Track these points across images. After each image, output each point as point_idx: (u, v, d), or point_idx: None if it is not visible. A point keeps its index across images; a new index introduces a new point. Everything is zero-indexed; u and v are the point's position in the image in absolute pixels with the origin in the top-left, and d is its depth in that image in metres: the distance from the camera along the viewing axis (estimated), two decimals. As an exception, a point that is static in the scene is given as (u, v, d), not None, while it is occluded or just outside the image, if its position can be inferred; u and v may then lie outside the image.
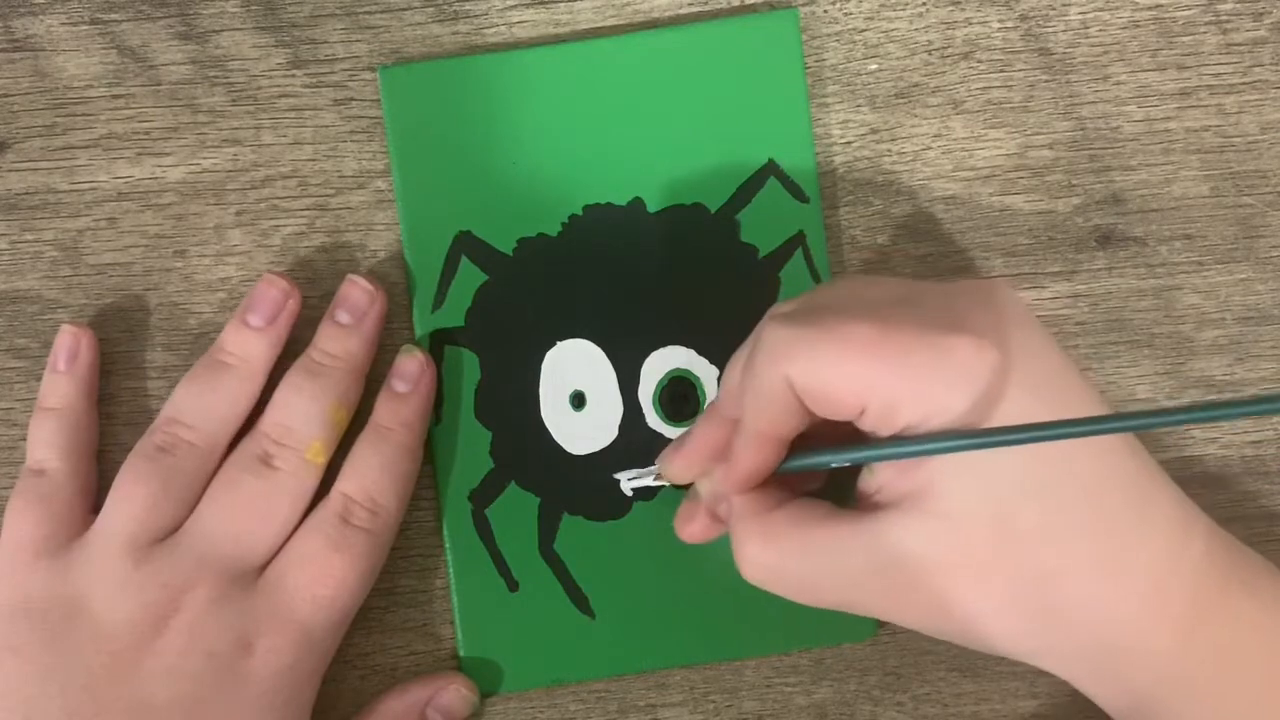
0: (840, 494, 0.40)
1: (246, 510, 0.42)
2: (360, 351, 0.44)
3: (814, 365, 0.36)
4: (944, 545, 0.36)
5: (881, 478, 0.37)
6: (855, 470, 0.39)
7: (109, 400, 0.46)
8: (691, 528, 0.41)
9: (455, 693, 0.44)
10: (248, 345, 0.43)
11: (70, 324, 0.44)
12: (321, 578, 0.42)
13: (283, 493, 0.42)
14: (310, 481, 0.43)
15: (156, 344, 0.46)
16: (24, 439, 0.45)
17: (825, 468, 0.38)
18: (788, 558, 0.38)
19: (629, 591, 0.45)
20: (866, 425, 0.37)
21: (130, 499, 0.42)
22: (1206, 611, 0.37)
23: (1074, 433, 0.33)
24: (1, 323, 0.46)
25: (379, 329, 0.44)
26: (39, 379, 0.45)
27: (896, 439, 0.36)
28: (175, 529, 0.42)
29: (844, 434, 0.38)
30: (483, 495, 0.45)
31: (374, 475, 0.43)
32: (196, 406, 0.43)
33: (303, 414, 0.43)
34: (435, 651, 0.46)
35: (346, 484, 0.43)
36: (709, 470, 0.41)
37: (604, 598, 0.45)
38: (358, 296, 0.44)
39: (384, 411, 0.44)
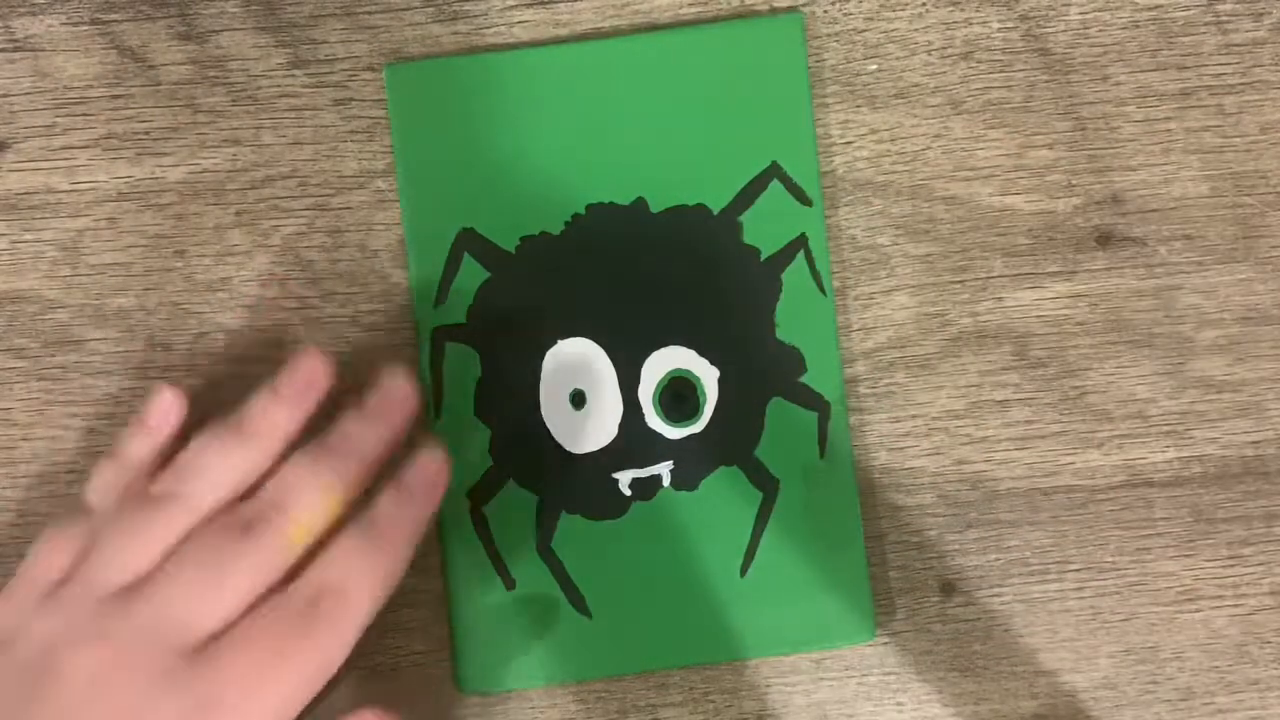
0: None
1: (205, 573, 0.39)
2: (381, 447, 0.42)
3: None
4: None
5: None
6: None
7: (109, 400, 0.46)
8: None
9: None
10: (273, 415, 0.42)
11: (169, 388, 0.43)
12: (264, 666, 0.38)
13: (248, 564, 0.39)
14: (283, 562, 0.40)
15: (156, 344, 0.46)
16: (24, 439, 0.46)
17: None
18: None
19: (626, 591, 0.45)
20: None
21: (111, 542, 0.40)
22: None
23: None
24: (1, 323, 0.46)
25: (404, 429, 0.43)
26: (39, 379, 0.45)
27: None
28: (147, 577, 0.40)
29: None
30: (481, 493, 0.45)
31: (355, 566, 0.40)
32: (202, 466, 0.41)
33: (302, 494, 0.40)
34: (435, 651, 0.46)
35: (323, 569, 0.40)
36: None
37: (601, 597, 0.45)
38: (395, 392, 0.43)
39: (386, 504, 0.41)
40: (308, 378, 0.42)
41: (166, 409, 0.43)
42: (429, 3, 0.46)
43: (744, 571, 0.45)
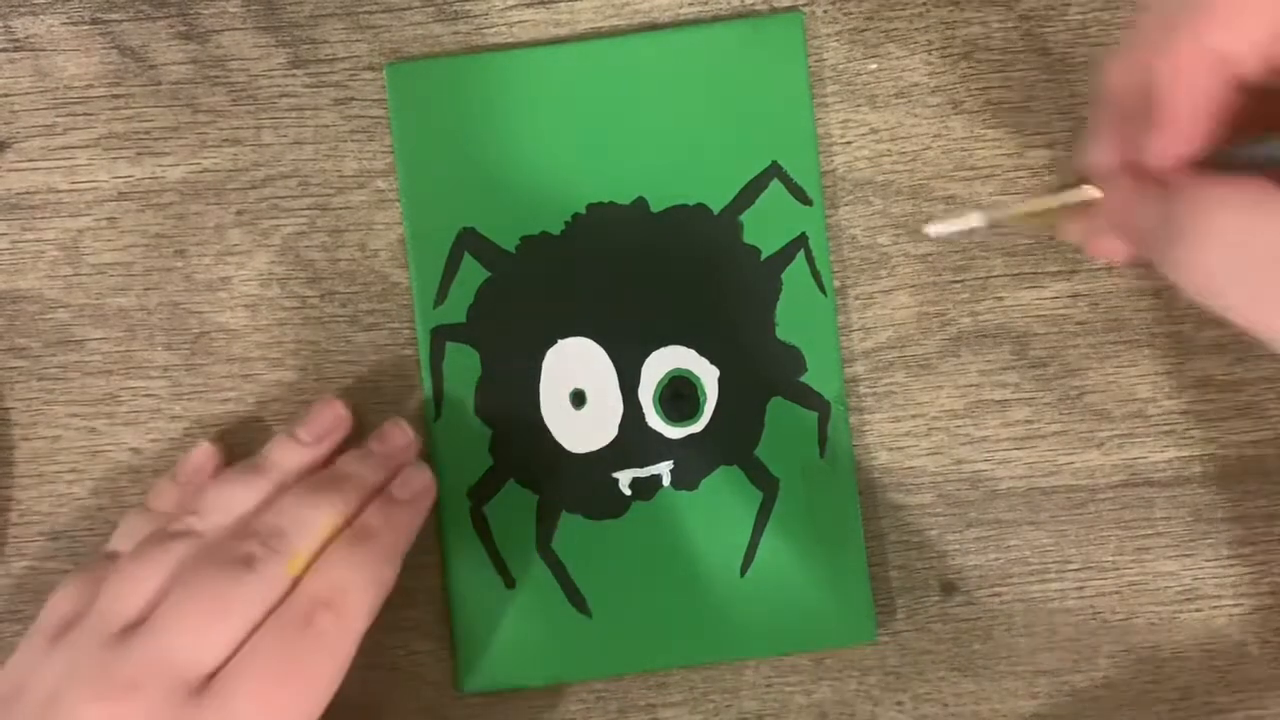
0: None
1: (209, 607, 0.39)
2: (378, 483, 0.43)
3: None
4: None
5: None
6: None
7: (109, 400, 0.46)
8: (1109, 242, 0.33)
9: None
10: (288, 456, 0.43)
11: (205, 446, 0.45)
12: (273, 690, 0.38)
13: (249, 596, 0.39)
14: (281, 591, 0.39)
15: (157, 344, 0.46)
16: (24, 438, 0.46)
17: None
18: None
19: (626, 591, 0.45)
20: None
21: (119, 578, 0.40)
22: None
23: None
24: (1, 323, 0.46)
25: (400, 469, 0.44)
26: (39, 379, 0.45)
27: None
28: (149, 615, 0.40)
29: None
30: (481, 492, 0.45)
31: (349, 573, 0.40)
32: (216, 500, 0.42)
33: (301, 523, 0.40)
34: (435, 651, 0.46)
35: (317, 579, 0.40)
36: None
37: (601, 597, 0.45)
38: (396, 437, 0.45)
39: (375, 513, 0.42)
40: (327, 426, 0.44)
41: (200, 465, 0.45)
42: (429, 3, 0.46)
43: (744, 571, 0.45)
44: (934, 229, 0.36)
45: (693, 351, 0.45)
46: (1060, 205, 0.33)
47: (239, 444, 0.46)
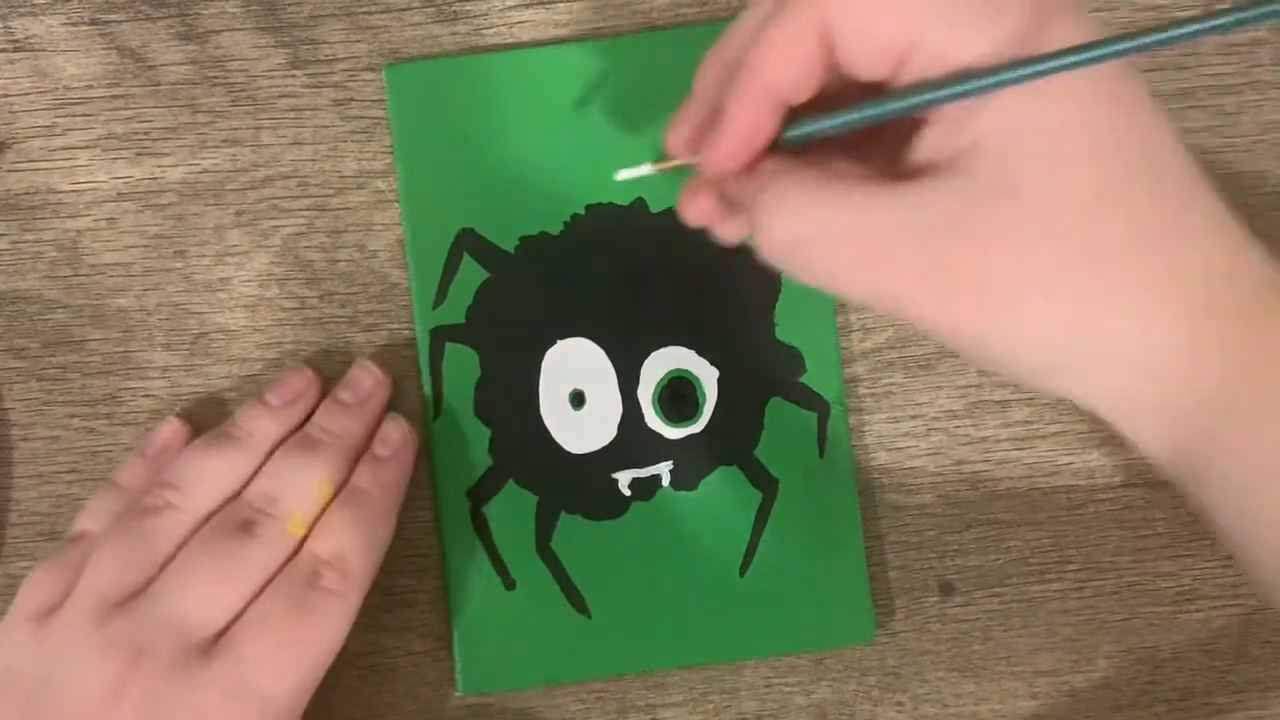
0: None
1: (213, 572, 0.40)
2: (358, 432, 0.44)
3: None
4: (994, 210, 0.31)
5: (923, 148, 0.33)
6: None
7: (109, 400, 0.46)
8: (699, 204, 0.37)
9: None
10: (260, 422, 0.43)
11: (172, 421, 0.45)
12: (282, 644, 0.40)
13: (254, 560, 0.40)
14: (285, 552, 0.41)
15: (157, 344, 0.46)
16: (24, 439, 0.46)
17: (854, 125, 0.34)
18: (817, 212, 0.33)
19: (625, 591, 0.45)
20: (904, 79, 0.33)
21: (105, 556, 0.40)
22: (1261, 330, 0.33)
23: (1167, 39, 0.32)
24: (1, 323, 0.46)
25: (380, 414, 0.45)
26: (39, 379, 0.45)
27: (950, 78, 0.32)
28: (150, 586, 0.40)
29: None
30: (481, 492, 0.45)
31: (347, 536, 0.41)
32: (192, 472, 0.42)
33: (293, 485, 0.42)
34: (434, 651, 0.46)
35: (318, 544, 0.41)
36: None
37: (600, 597, 0.45)
38: (365, 380, 0.45)
39: (364, 475, 0.43)
40: (297, 392, 0.45)
41: (168, 440, 0.45)
42: (429, 3, 0.46)
43: (744, 571, 0.45)
44: (621, 175, 0.40)
45: (692, 352, 0.45)
46: (690, 162, 0.37)
47: (239, 444, 0.46)
